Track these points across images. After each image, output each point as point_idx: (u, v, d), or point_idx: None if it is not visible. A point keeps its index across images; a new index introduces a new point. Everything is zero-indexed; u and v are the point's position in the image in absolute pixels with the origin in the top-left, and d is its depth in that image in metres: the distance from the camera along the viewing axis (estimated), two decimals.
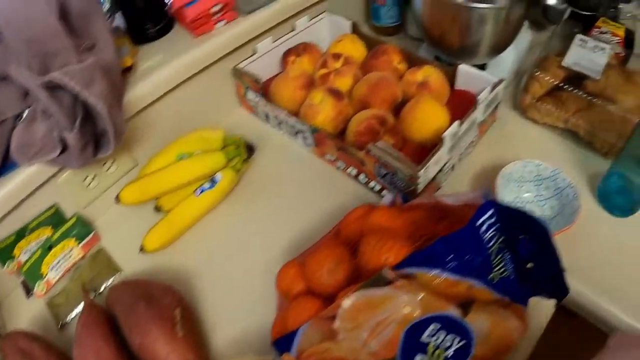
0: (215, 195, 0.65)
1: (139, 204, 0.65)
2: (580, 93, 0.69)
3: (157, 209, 0.66)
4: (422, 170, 0.56)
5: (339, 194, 0.65)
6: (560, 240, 0.46)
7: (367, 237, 0.49)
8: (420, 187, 0.58)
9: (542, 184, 0.63)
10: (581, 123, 0.69)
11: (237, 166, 0.64)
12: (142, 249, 0.63)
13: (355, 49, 0.73)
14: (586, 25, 0.79)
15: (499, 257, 0.49)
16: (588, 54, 0.72)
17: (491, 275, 0.48)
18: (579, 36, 0.74)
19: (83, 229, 0.65)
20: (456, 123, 0.58)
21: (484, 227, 0.48)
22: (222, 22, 0.70)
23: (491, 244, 0.48)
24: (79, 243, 0.65)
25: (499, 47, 0.73)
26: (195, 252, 0.63)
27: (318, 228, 0.61)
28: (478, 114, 0.63)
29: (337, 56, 0.70)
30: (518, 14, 0.69)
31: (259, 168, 0.69)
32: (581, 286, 0.54)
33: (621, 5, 0.78)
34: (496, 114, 0.71)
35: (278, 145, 0.71)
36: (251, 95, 0.71)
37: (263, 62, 0.73)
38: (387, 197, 0.56)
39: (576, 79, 0.71)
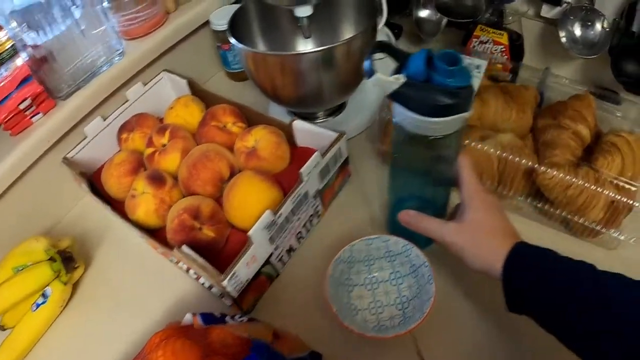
0: (51, 309, 0.60)
1: None
2: None
3: (2, 327, 0.63)
4: (226, 280, 0.48)
5: (175, 291, 0.58)
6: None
7: None
8: (235, 291, 0.50)
9: (396, 259, 0.53)
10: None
11: (63, 279, 0.59)
12: None
13: (190, 114, 0.64)
14: (467, 35, 0.65)
15: None
16: None
17: None
18: None
19: None
20: (267, 213, 0.49)
21: None
22: (39, 115, 0.63)
23: None
24: None
25: (350, 85, 0.61)
26: None
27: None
28: (310, 187, 0.53)
29: (162, 130, 0.62)
30: (359, 45, 0.57)
31: (101, 266, 0.64)
32: None
33: (504, 7, 0.63)
34: (349, 169, 0.60)
35: (120, 237, 0.65)
36: (84, 187, 0.65)
37: (98, 145, 0.66)
38: (187, 317, 0.48)
39: None
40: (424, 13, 0.68)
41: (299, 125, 0.58)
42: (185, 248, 0.50)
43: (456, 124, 0.41)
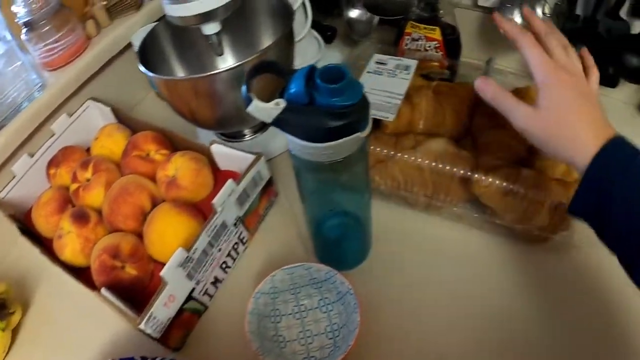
0: None
1: None
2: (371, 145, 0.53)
3: None
4: (143, 324, 0.46)
5: (112, 329, 0.56)
6: None
7: None
8: (157, 332, 0.48)
9: (322, 286, 0.50)
10: (378, 180, 0.54)
11: (1, 325, 0.58)
12: None
13: (115, 143, 0.62)
14: (399, 33, 0.61)
15: None
16: (387, 82, 0.55)
17: None
18: (377, 57, 0.57)
19: None
20: (179, 251, 0.47)
21: None
22: None
23: None
24: None
25: (271, 100, 0.57)
26: None
27: None
28: (227, 216, 0.51)
29: (85, 164, 0.59)
30: (277, 55, 0.54)
31: (41, 307, 0.62)
32: None
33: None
34: (274, 189, 0.57)
35: (57, 277, 0.60)
36: (15, 229, 0.63)
37: (28, 183, 0.64)
38: None
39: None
40: (354, 13, 0.64)
41: (216, 149, 0.55)
42: (104, 291, 0.48)
43: (351, 145, 0.37)
